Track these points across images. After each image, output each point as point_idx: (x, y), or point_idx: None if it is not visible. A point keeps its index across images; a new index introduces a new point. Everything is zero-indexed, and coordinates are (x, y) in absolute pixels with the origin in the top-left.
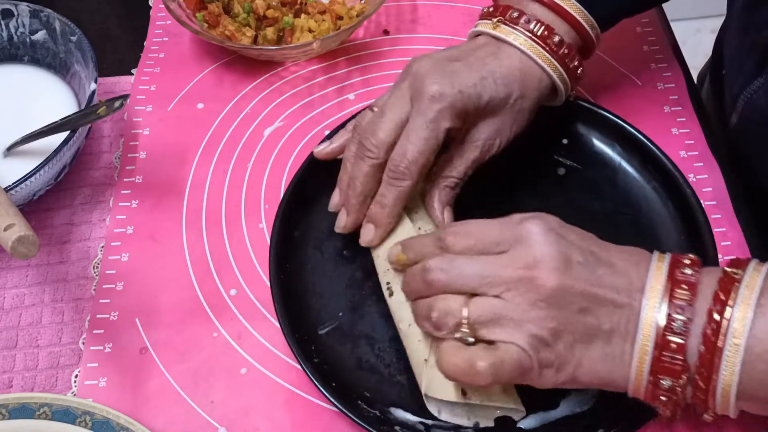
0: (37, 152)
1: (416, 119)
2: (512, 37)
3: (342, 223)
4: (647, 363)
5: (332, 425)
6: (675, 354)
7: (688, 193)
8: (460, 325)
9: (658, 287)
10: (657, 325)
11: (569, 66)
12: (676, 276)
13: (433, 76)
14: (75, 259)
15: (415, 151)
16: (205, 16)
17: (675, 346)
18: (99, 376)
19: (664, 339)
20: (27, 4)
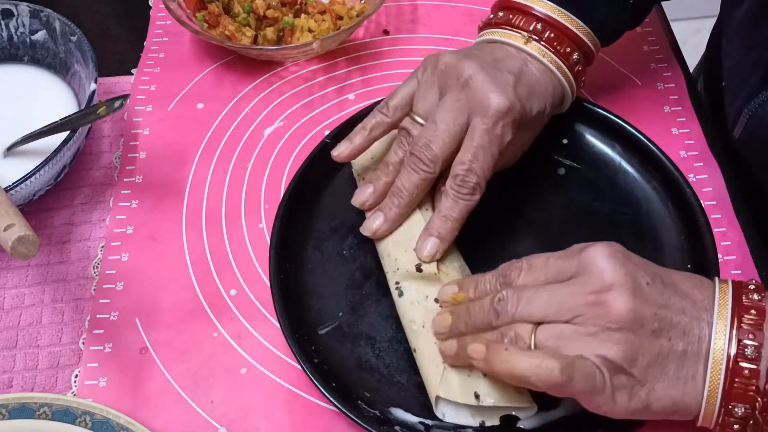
0: (37, 152)
1: (484, 135)
2: (541, 54)
3: (375, 227)
4: (719, 389)
5: (332, 425)
6: (748, 380)
7: (688, 193)
8: (524, 334)
9: (725, 312)
10: (727, 351)
11: (580, 79)
12: (742, 300)
13: (494, 87)
14: (75, 259)
15: (486, 168)
16: (205, 16)
17: (748, 372)
18: (99, 376)
19: (735, 365)
20: (27, 4)
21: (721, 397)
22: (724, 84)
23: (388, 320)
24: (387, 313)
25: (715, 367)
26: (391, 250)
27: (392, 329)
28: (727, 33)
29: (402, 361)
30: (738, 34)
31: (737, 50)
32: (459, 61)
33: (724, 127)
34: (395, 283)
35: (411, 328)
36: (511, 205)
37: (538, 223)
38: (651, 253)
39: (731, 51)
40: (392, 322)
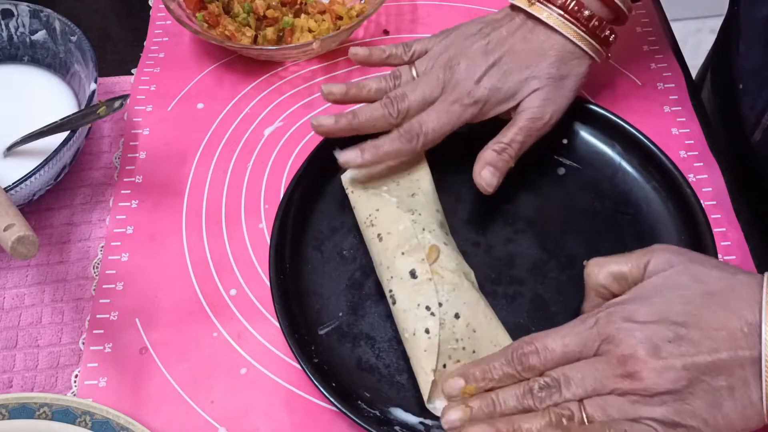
0: (37, 152)
1: (443, 104)
2: (545, 15)
3: (352, 156)
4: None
5: (332, 425)
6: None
7: (688, 193)
8: (582, 422)
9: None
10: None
11: (600, 36)
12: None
13: (466, 74)
14: (75, 259)
15: (430, 128)
16: (205, 16)
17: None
18: (99, 376)
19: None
20: (27, 4)
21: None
22: (741, 87)
23: (388, 320)
24: (387, 313)
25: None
26: (383, 259)
27: (392, 329)
28: (746, 35)
29: (402, 361)
30: (760, 36)
31: (759, 52)
32: (461, 45)
33: (738, 130)
34: (389, 291)
35: (404, 335)
36: (511, 205)
37: (538, 223)
38: None
39: (750, 53)
40: (392, 322)
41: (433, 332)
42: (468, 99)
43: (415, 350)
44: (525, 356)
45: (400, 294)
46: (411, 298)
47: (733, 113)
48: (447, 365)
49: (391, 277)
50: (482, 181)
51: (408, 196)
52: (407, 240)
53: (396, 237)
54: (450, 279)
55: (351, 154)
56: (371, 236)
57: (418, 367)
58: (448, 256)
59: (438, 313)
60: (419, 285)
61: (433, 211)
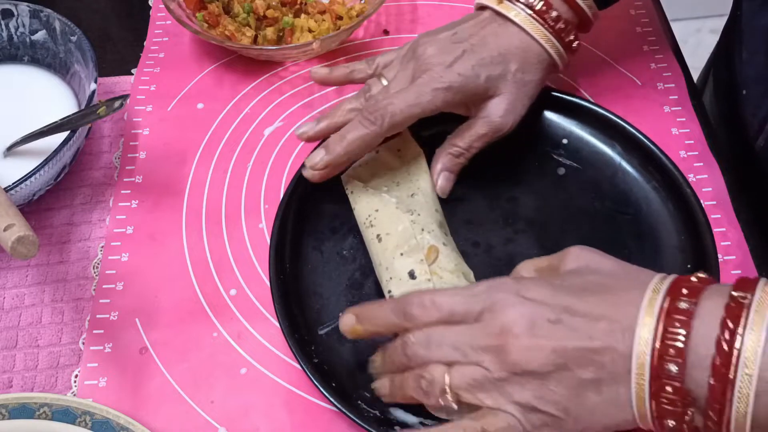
0: (37, 152)
1: (412, 87)
2: (513, 14)
3: (317, 160)
4: (647, 407)
5: (332, 425)
6: (673, 397)
7: (688, 193)
8: (445, 392)
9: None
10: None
11: (565, 40)
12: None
13: (437, 59)
14: (75, 259)
15: (396, 108)
16: (205, 16)
17: (671, 389)
18: (99, 376)
19: (659, 383)
20: (27, 4)
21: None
22: (744, 93)
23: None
24: None
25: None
26: (382, 259)
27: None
28: (748, 42)
29: None
30: (763, 44)
31: (762, 59)
32: (427, 37)
33: (741, 135)
34: (388, 291)
35: None
36: (511, 205)
37: (538, 223)
38: (651, 253)
39: (753, 60)
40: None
41: None
42: (439, 83)
43: None
44: (409, 305)
45: (398, 295)
46: None
47: (736, 118)
48: None
49: (390, 278)
50: (438, 188)
51: (407, 197)
52: (406, 240)
53: (395, 237)
54: (449, 279)
55: (316, 156)
56: (371, 237)
57: None
58: (447, 257)
59: None
60: (418, 286)
61: (432, 212)
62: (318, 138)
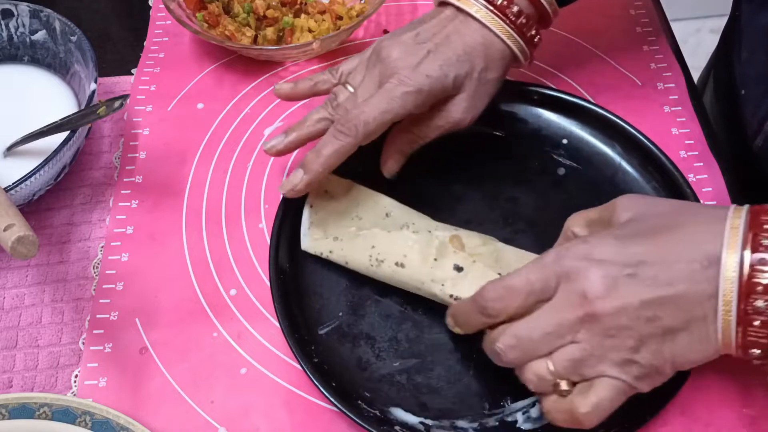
0: (37, 152)
1: (382, 93)
2: (474, 9)
3: (296, 182)
4: (732, 338)
5: (332, 425)
6: (761, 329)
7: (688, 193)
8: (557, 384)
9: (731, 264)
10: (735, 305)
11: (527, 35)
12: (755, 248)
13: (402, 62)
14: (75, 259)
15: (369, 116)
16: (205, 16)
17: (759, 323)
18: (99, 376)
19: (747, 318)
20: (27, 4)
21: (736, 343)
22: (743, 92)
23: (388, 320)
24: (387, 313)
25: (726, 317)
26: (421, 278)
27: (392, 329)
28: (748, 42)
29: (402, 360)
30: (762, 44)
31: (762, 59)
32: (389, 40)
33: (740, 135)
34: (449, 296)
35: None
36: (511, 205)
37: (538, 224)
38: None
39: (753, 60)
40: (392, 322)
41: None
42: (408, 86)
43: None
44: (488, 301)
45: (463, 290)
46: (473, 288)
47: (735, 118)
48: None
49: (443, 284)
50: (386, 169)
51: (384, 218)
52: (427, 248)
53: (415, 253)
54: (486, 251)
55: (295, 177)
56: (390, 270)
57: None
58: (467, 237)
59: None
60: (471, 273)
61: (416, 215)
62: (288, 151)
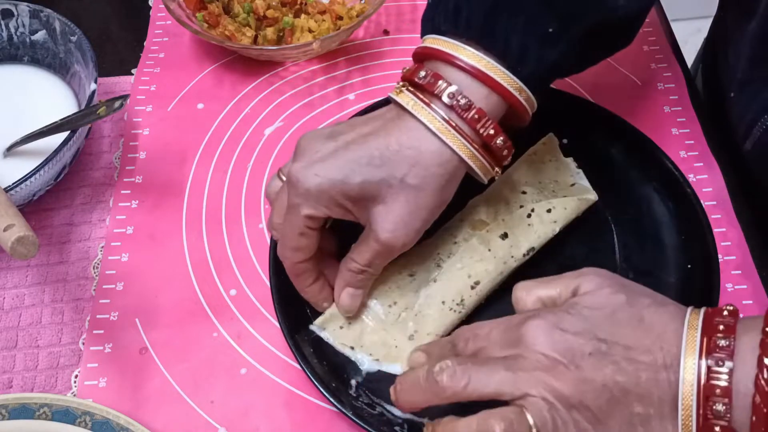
0: (37, 152)
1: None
2: (425, 116)
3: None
4: (693, 420)
5: (332, 425)
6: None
7: (688, 193)
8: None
9: (689, 367)
10: (694, 409)
11: (490, 143)
12: (711, 351)
13: (300, 159)
14: (75, 259)
15: (286, 248)
16: (205, 16)
17: (719, 429)
18: (99, 377)
19: (707, 423)
20: (27, 4)
21: (696, 410)
22: (732, 95)
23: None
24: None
25: (686, 410)
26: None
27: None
28: (735, 47)
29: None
30: (748, 47)
31: (747, 63)
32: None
33: (730, 137)
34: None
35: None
36: None
37: None
38: (651, 253)
39: (739, 65)
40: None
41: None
42: (297, 197)
43: None
44: (456, 346)
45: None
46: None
47: (724, 120)
48: None
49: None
50: (341, 307)
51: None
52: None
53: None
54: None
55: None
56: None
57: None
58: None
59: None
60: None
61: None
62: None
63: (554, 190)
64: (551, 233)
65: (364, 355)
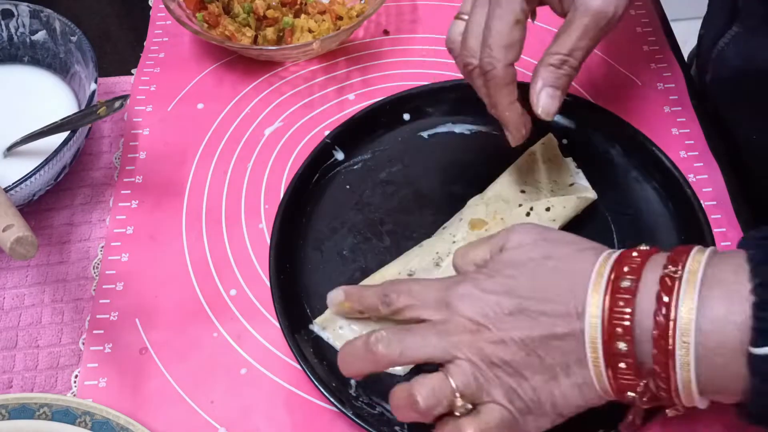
0: (37, 152)
1: (494, 7)
2: None
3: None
4: (606, 383)
5: (332, 425)
6: (628, 372)
7: (688, 193)
8: (454, 402)
9: (594, 307)
10: (601, 349)
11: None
12: (614, 292)
13: None
14: (75, 260)
15: (492, 34)
16: (205, 16)
17: (625, 365)
18: (99, 377)
19: (614, 360)
20: (27, 5)
21: (610, 388)
22: (702, 32)
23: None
24: None
25: (595, 363)
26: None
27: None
28: (712, 67)
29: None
30: (725, 70)
31: (729, 86)
32: None
33: (701, 77)
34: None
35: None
36: None
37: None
38: None
39: (722, 86)
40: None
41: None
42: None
43: None
44: (390, 292)
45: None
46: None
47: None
48: None
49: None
50: (540, 108)
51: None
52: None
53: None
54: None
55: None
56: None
57: None
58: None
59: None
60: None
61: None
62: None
63: (553, 190)
64: None
65: None
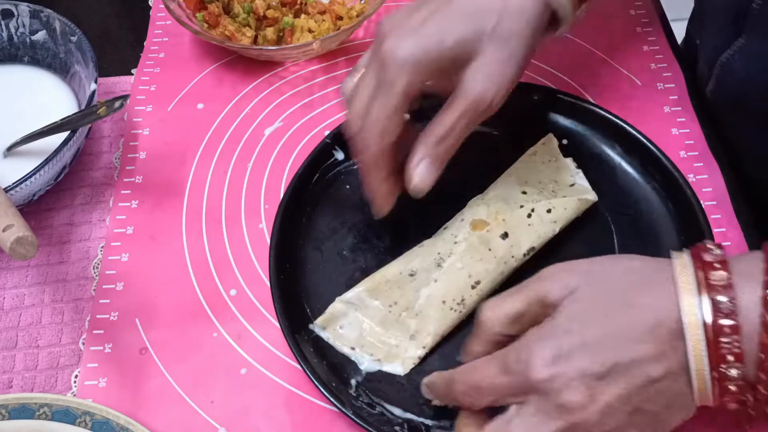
0: (37, 152)
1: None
2: None
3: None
4: (710, 399)
5: (332, 425)
6: (730, 337)
7: (688, 193)
8: None
9: (688, 284)
10: (702, 318)
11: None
12: (705, 264)
13: (389, 36)
14: (75, 260)
15: (371, 117)
16: (205, 16)
17: (728, 329)
18: (99, 377)
19: (721, 383)
20: (27, 5)
21: (708, 365)
22: (698, 42)
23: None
24: None
25: (695, 340)
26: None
27: None
28: (704, 77)
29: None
30: (714, 77)
31: (721, 94)
32: (390, 13)
33: (699, 86)
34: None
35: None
36: None
37: None
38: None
39: (708, 6)
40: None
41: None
42: (391, 72)
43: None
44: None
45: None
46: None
47: (694, 70)
48: None
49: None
50: (417, 177)
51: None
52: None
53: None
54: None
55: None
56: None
57: None
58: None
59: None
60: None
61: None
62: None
63: (554, 190)
64: (551, 233)
65: (364, 355)
